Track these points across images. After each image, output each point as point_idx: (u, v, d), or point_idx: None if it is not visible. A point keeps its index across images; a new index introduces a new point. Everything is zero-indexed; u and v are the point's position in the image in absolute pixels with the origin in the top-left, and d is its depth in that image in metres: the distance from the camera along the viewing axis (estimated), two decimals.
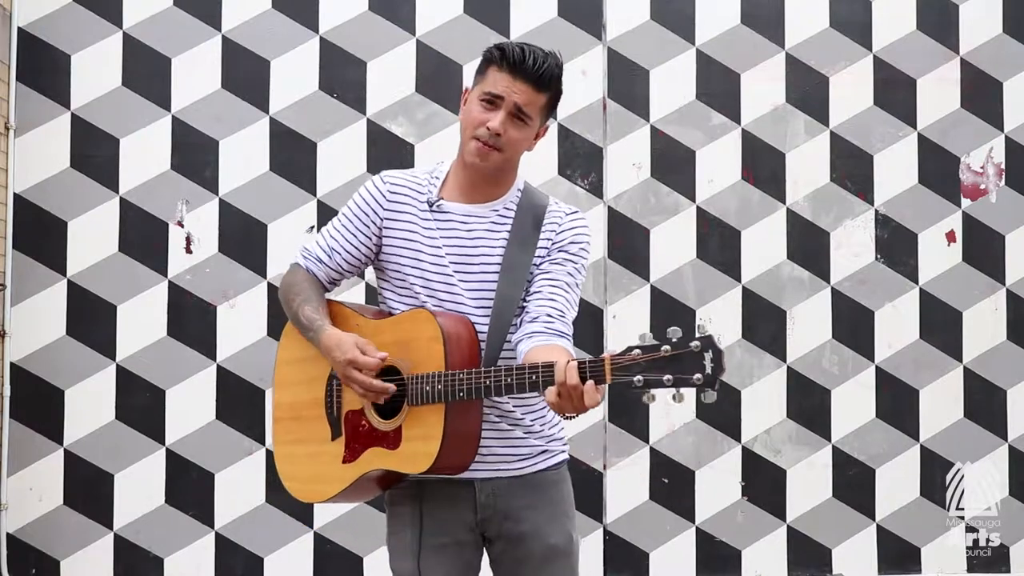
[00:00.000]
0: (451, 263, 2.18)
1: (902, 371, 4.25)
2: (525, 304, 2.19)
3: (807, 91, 4.26)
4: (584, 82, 4.18)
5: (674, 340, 1.76)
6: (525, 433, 2.22)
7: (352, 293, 4.04)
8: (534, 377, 1.92)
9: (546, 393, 1.90)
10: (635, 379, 1.78)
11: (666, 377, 1.76)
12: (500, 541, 2.23)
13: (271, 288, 4.07)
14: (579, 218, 2.26)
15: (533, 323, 2.11)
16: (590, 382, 1.83)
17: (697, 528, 4.16)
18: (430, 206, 2.21)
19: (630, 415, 4.11)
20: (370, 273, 2.37)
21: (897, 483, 4.23)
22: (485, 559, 2.30)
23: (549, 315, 2.12)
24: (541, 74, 2.13)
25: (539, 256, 2.20)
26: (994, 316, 4.29)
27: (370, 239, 2.24)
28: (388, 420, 2.13)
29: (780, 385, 4.19)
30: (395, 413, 2.13)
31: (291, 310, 2.27)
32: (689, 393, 1.77)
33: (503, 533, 2.22)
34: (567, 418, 1.99)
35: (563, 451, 2.31)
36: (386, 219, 2.22)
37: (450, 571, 2.20)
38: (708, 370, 1.73)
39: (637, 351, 1.79)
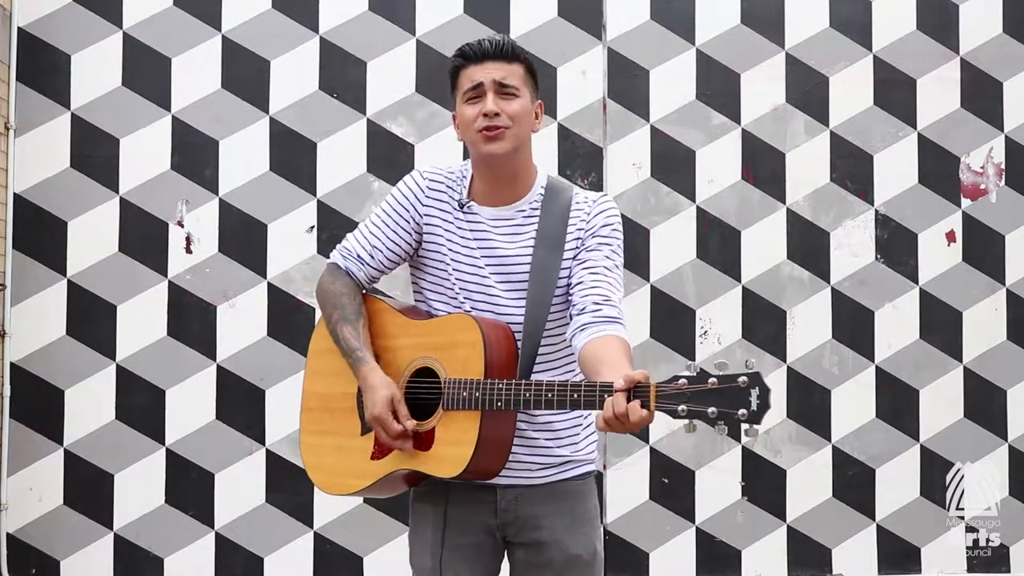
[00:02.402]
0: (487, 265, 2.19)
1: (902, 371, 4.25)
2: (561, 306, 2.18)
3: (807, 91, 4.26)
4: (584, 82, 4.18)
5: (721, 374, 1.76)
6: (549, 441, 2.21)
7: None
8: (576, 396, 1.91)
9: (595, 418, 1.89)
10: (679, 408, 1.77)
11: (711, 410, 1.74)
12: (521, 548, 2.23)
13: (271, 288, 4.08)
14: (606, 201, 2.24)
15: (582, 315, 2.10)
16: (635, 403, 1.80)
17: (697, 528, 4.16)
18: (461, 207, 2.22)
19: None
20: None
21: (897, 483, 4.23)
22: (505, 562, 2.30)
23: (596, 303, 2.11)
24: (503, 48, 2.18)
25: (570, 249, 2.19)
26: (994, 316, 4.29)
27: (411, 235, 2.24)
28: (421, 421, 2.13)
29: (780, 385, 4.19)
30: (427, 414, 2.13)
31: (329, 323, 2.27)
32: (732, 427, 1.75)
33: (524, 539, 2.22)
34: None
35: (589, 461, 2.29)
36: (426, 215, 2.23)
37: (470, 571, 2.21)
38: (754, 407, 1.72)
39: (683, 381, 1.77)
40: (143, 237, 4.06)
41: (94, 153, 4.06)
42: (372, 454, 2.19)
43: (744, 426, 1.73)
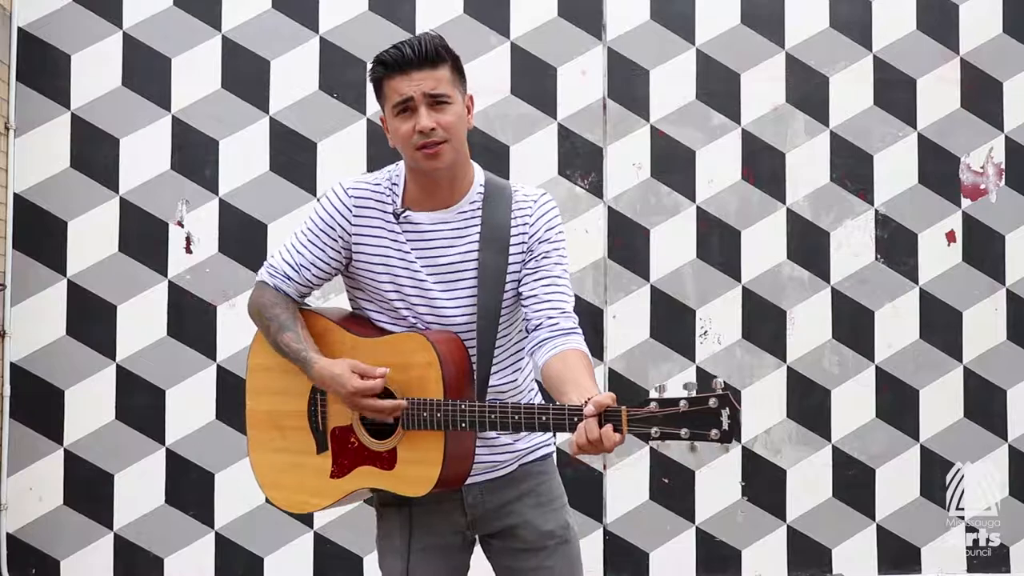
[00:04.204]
0: (428, 275, 2.15)
1: (902, 371, 4.25)
2: (509, 309, 2.17)
3: (807, 91, 4.26)
4: (584, 82, 4.18)
5: (691, 395, 1.78)
6: (507, 438, 2.22)
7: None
8: (544, 419, 1.92)
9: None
10: (652, 431, 1.80)
11: (683, 431, 1.77)
12: (496, 538, 2.25)
13: None
14: (546, 200, 2.22)
15: (538, 330, 2.12)
16: (608, 427, 1.82)
17: (697, 528, 4.16)
18: (396, 217, 2.16)
19: None
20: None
21: (897, 483, 4.23)
22: (474, 558, 2.31)
23: (550, 316, 2.12)
24: (426, 54, 2.07)
25: (516, 254, 2.17)
26: (994, 316, 4.29)
27: (339, 252, 2.19)
28: (380, 440, 2.11)
29: (780, 385, 4.19)
30: (385, 432, 2.11)
31: (267, 335, 2.21)
32: (703, 445, 1.79)
33: (495, 529, 2.24)
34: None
35: (547, 445, 2.31)
36: (355, 233, 2.17)
37: (437, 572, 2.22)
38: (725, 426, 1.75)
39: (654, 404, 1.80)
40: (143, 237, 4.06)
41: (94, 153, 4.06)
42: (331, 472, 2.17)
43: (717, 446, 1.77)
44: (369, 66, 2.15)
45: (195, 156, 4.09)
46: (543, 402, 2.18)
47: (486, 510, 2.22)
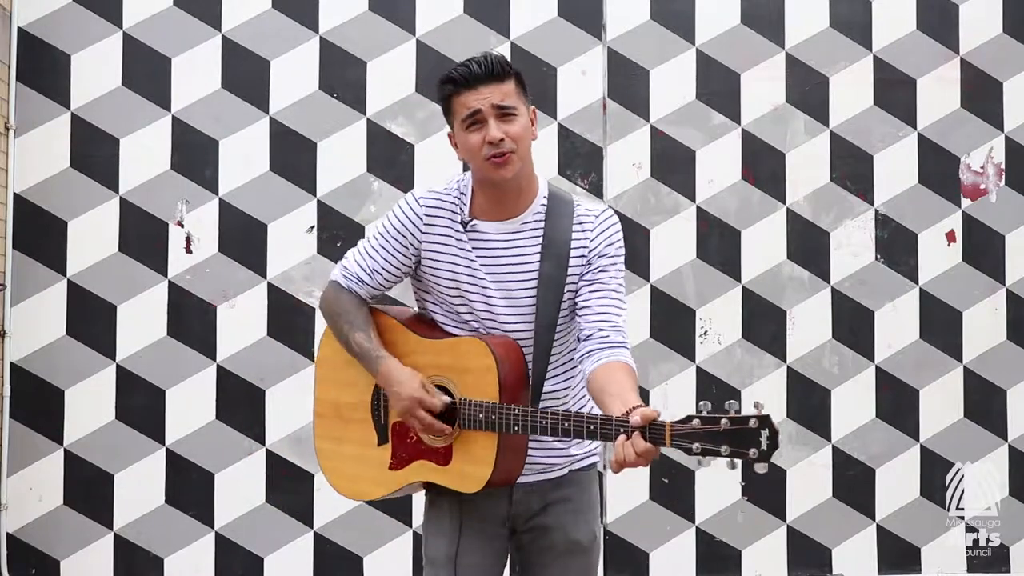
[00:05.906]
0: (492, 283, 2.23)
1: (902, 371, 4.25)
2: (566, 319, 2.25)
3: (807, 91, 4.26)
4: (584, 82, 4.18)
5: (732, 415, 1.83)
6: (560, 443, 2.30)
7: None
8: (592, 427, 1.99)
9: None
10: (693, 446, 1.85)
11: (723, 448, 1.82)
12: (527, 532, 2.34)
13: (271, 288, 4.08)
14: (608, 216, 2.29)
15: (589, 340, 2.18)
16: (649, 445, 1.89)
17: (697, 528, 4.16)
18: (464, 226, 2.24)
19: None
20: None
21: (897, 483, 4.23)
22: None
23: (602, 329, 2.18)
24: (492, 68, 2.17)
25: (575, 266, 2.24)
26: (994, 316, 4.29)
27: (409, 259, 2.28)
28: (438, 437, 2.21)
29: (780, 385, 4.19)
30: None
31: (340, 335, 2.32)
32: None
33: (530, 525, 2.33)
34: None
35: (594, 454, 2.40)
36: (425, 241, 2.26)
37: (485, 556, 2.31)
38: (764, 447, 1.80)
39: (697, 421, 1.85)
40: (143, 237, 4.06)
41: (94, 153, 4.06)
42: (390, 464, 2.28)
43: (755, 464, 1.83)
44: (438, 83, 2.24)
45: (195, 156, 4.09)
46: (593, 408, 2.27)
47: (529, 508, 2.31)
